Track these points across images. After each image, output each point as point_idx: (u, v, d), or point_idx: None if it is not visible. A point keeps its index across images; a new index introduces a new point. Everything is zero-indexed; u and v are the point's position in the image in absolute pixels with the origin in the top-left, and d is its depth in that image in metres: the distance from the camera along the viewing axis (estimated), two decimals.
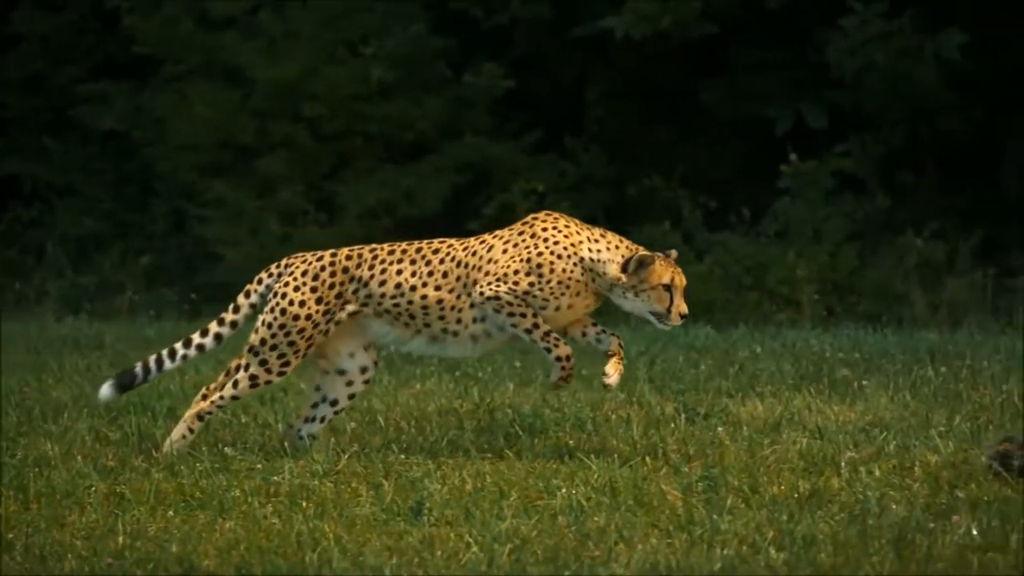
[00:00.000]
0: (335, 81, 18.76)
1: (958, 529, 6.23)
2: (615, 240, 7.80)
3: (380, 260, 7.89)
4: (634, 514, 6.65)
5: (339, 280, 7.86)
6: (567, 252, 7.72)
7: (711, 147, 19.78)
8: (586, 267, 7.73)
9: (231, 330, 8.05)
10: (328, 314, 7.85)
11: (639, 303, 7.72)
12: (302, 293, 7.83)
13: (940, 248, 17.99)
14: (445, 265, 7.85)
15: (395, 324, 7.88)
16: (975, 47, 18.21)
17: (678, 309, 7.71)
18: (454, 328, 7.83)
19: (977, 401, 9.17)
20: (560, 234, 7.76)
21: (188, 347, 8.05)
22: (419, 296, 7.81)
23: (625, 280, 7.69)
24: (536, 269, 7.71)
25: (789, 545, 6.08)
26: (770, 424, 8.66)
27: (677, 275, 7.72)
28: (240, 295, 8.08)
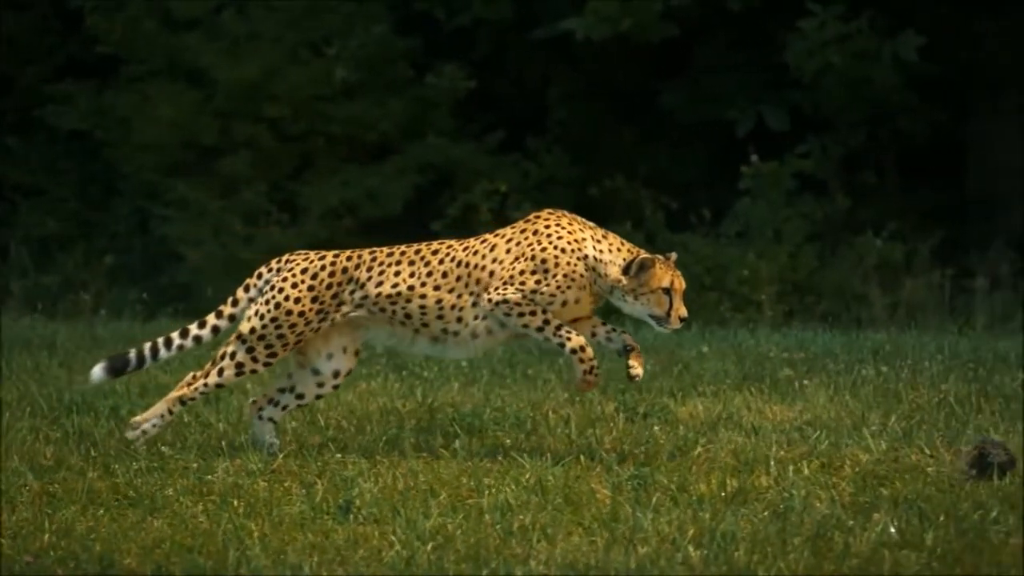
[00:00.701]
0: (298, 82, 18.81)
1: (876, 527, 6.31)
2: (616, 242, 7.83)
3: (379, 262, 7.93)
4: (561, 512, 6.72)
5: (337, 281, 7.89)
6: (571, 247, 7.73)
7: (673, 148, 19.88)
8: (589, 265, 7.74)
9: (228, 323, 8.09)
10: (322, 313, 7.89)
11: (639, 306, 7.74)
12: (299, 290, 7.87)
13: (899, 249, 18.10)
14: (444, 265, 7.86)
15: (393, 324, 7.90)
16: (933, 49, 18.34)
17: (677, 312, 7.73)
18: (454, 328, 7.84)
19: (914, 401, 9.25)
20: (564, 230, 7.78)
21: (184, 337, 8.09)
22: (417, 296, 7.84)
23: (626, 283, 7.70)
24: (541, 265, 7.72)
25: (708, 543, 6.15)
26: (707, 423, 8.73)
27: (677, 278, 7.74)
28: (239, 289, 8.12)
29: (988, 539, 6.15)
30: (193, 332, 8.09)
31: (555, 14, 18.82)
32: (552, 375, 10.43)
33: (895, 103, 18.44)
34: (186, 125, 18.90)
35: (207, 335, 8.08)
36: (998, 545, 6.08)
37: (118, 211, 19.91)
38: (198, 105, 18.97)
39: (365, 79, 19.13)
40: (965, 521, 6.36)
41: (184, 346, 8.08)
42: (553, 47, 19.56)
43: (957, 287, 17.86)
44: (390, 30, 19.26)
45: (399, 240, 16.71)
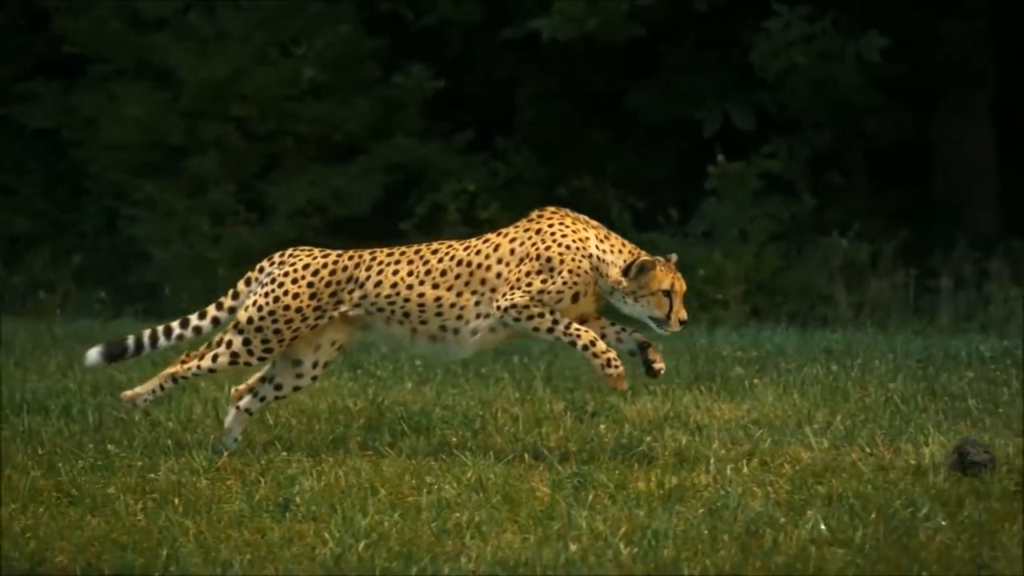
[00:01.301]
0: (265, 81, 18.85)
1: (807, 524, 6.37)
2: (618, 243, 7.82)
3: (378, 262, 7.94)
4: (498, 510, 6.77)
5: (337, 279, 7.91)
6: (576, 245, 7.73)
7: (641, 148, 19.95)
8: (593, 264, 7.74)
9: (228, 315, 8.11)
10: (319, 311, 7.91)
11: (638, 307, 7.73)
12: (298, 286, 7.89)
13: (864, 249, 18.19)
14: (444, 264, 7.86)
15: (391, 324, 7.91)
16: (898, 50, 18.43)
17: (677, 315, 7.72)
18: (454, 325, 7.84)
19: (861, 400, 9.32)
20: (568, 229, 7.79)
21: (185, 327, 8.13)
22: (416, 295, 7.84)
23: (626, 284, 7.70)
24: (546, 264, 7.72)
25: (639, 540, 6.21)
26: (654, 422, 8.79)
27: (677, 281, 7.73)
28: (240, 282, 8.15)
29: (916, 536, 6.21)
30: (193, 323, 8.13)
31: (522, 14, 18.88)
32: (505, 374, 10.49)
33: (860, 104, 18.54)
34: (153, 125, 18.94)
35: (207, 326, 8.11)
36: (925, 542, 6.14)
37: (86, 210, 19.93)
38: (165, 105, 19.00)
39: (333, 79, 19.18)
40: (895, 518, 6.42)
41: (183, 336, 8.12)
42: (522, 47, 19.62)
43: (922, 287, 17.96)
44: (358, 30, 19.31)
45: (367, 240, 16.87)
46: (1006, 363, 10.43)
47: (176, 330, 8.12)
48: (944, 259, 18.17)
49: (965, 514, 6.51)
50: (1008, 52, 20.48)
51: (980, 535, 6.20)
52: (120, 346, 8.12)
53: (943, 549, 6.03)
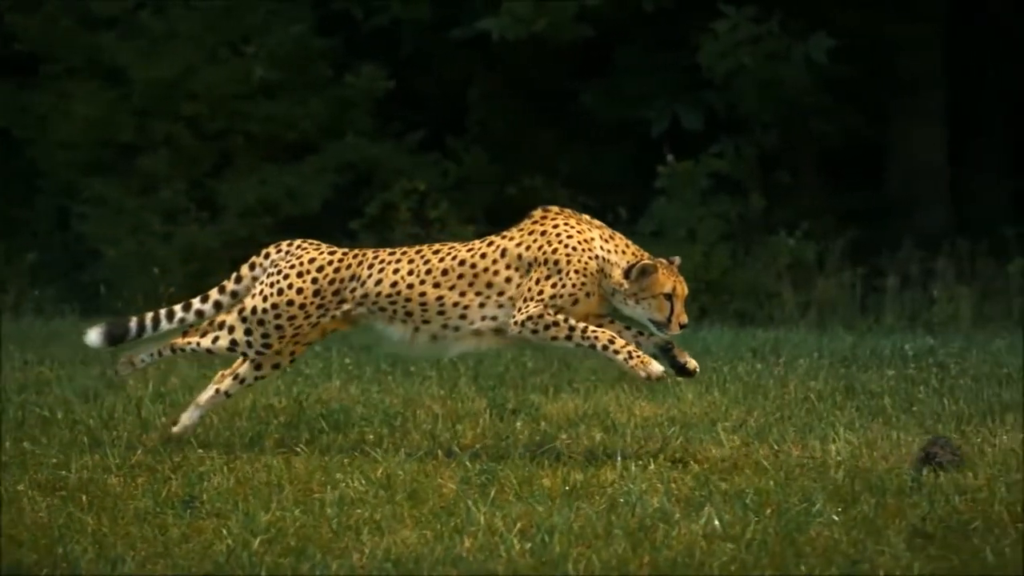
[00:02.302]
0: (216, 80, 18.89)
1: (701, 520, 6.47)
2: (622, 244, 7.79)
3: (380, 260, 7.93)
4: (402, 506, 6.84)
5: (340, 277, 7.91)
6: (581, 246, 7.72)
7: (591, 148, 20.05)
8: (599, 264, 7.71)
9: (231, 299, 8.12)
10: (322, 308, 7.92)
11: (639, 310, 7.70)
12: (303, 280, 7.90)
13: (811, 248, 18.31)
14: (445, 263, 7.84)
15: (394, 322, 7.89)
16: (845, 52, 18.56)
17: (678, 319, 7.68)
18: (455, 323, 7.83)
19: (780, 398, 9.43)
20: (573, 229, 7.77)
21: (187, 311, 8.15)
22: (417, 294, 7.83)
23: (627, 286, 7.66)
24: (554, 267, 7.70)
25: (533, 536, 6.29)
26: (572, 420, 8.88)
27: (679, 284, 7.70)
28: (244, 266, 8.16)
29: (807, 531, 6.30)
30: (195, 306, 8.15)
31: (472, 14, 18.96)
32: (433, 373, 10.57)
33: (807, 104, 18.66)
34: (104, 123, 18.96)
35: (209, 310, 8.13)
36: (814, 537, 6.23)
37: (39, 209, 19.95)
38: (116, 103, 19.03)
39: (284, 78, 19.23)
40: (787, 514, 6.52)
41: (185, 319, 8.13)
42: (473, 47, 19.69)
43: (869, 286, 18.10)
44: (309, 29, 19.36)
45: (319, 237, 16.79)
46: (928, 362, 10.55)
47: (178, 313, 8.15)
48: (890, 259, 18.32)
49: (858, 510, 6.61)
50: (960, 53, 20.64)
51: (869, 531, 6.29)
52: (122, 327, 8.13)
53: (830, 544, 6.12)
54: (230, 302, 8.13)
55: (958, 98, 20.71)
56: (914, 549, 5.99)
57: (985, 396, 9.22)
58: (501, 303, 7.81)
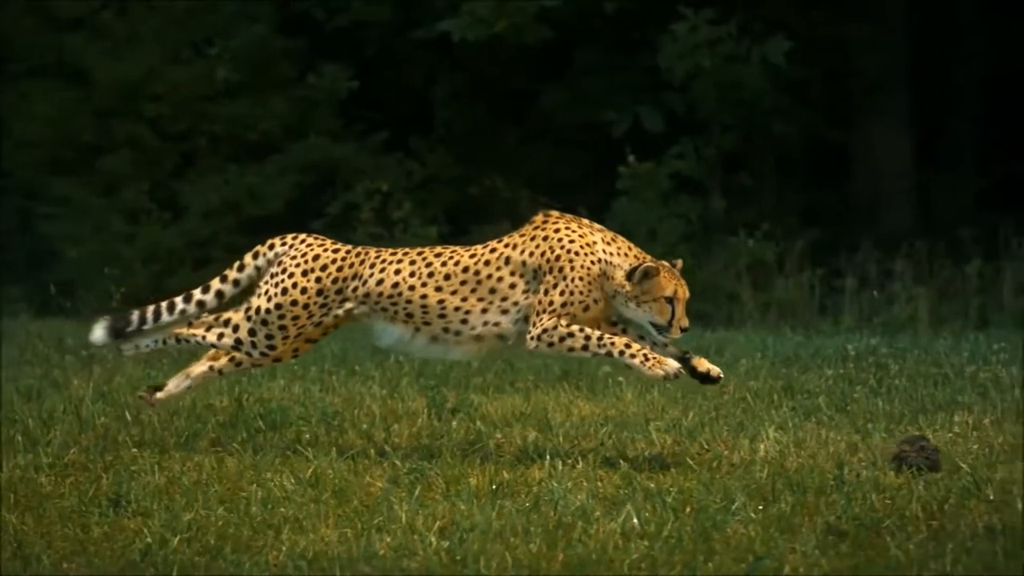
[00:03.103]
0: (178, 81, 18.95)
1: (619, 517, 6.52)
2: (624, 247, 7.76)
3: (382, 260, 7.91)
4: (326, 505, 6.89)
5: (343, 276, 7.89)
6: (584, 250, 7.70)
7: (554, 148, 20.14)
8: (601, 268, 7.70)
9: (233, 288, 8.09)
10: (324, 307, 7.90)
11: (640, 313, 7.67)
12: (307, 279, 7.88)
13: (771, 249, 18.40)
14: (447, 268, 7.82)
15: (395, 322, 7.88)
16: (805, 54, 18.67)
17: (679, 323, 7.65)
18: (456, 328, 7.81)
19: (718, 398, 9.49)
20: (575, 233, 7.75)
21: (188, 302, 8.11)
22: (418, 296, 7.81)
23: (629, 289, 7.64)
24: (559, 273, 7.69)
25: (452, 533, 6.35)
26: (509, 419, 8.94)
27: (681, 287, 7.67)
28: (247, 255, 8.13)
29: (723, 530, 6.37)
30: (197, 297, 8.11)
31: (433, 15, 19.03)
32: (376, 372, 10.62)
33: (766, 106, 18.75)
34: (66, 123, 19.00)
35: (211, 300, 8.10)
36: (730, 535, 6.30)
37: (2, 209, 19.96)
38: (78, 104, 19.07)
39: (247, 79, 19.29)
40: (705, 512, 6.58)
41: (187, 311, 8.10)
42: (436, 48, 19.77)
43: (828, 287, 18.19)
44: (273, 30, 19.43)
45: None
46: (868, 361, 10.63)
47: (179, 305, 8.11)
48: (849, 259, 18.41)
49: (777, 508, 6.68)
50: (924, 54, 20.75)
51: (785, 528, 6.36)
52: (124, 321, 8.12)
53: (744, 541, 6.18)
54: (232, 291, 8.11)
55: (923, 99, 20.83)
56: (826, 547, 6.06)
57: (919, 396, 9.29)
58: (505, 308, 7.80)
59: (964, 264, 17.98)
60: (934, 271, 18.04)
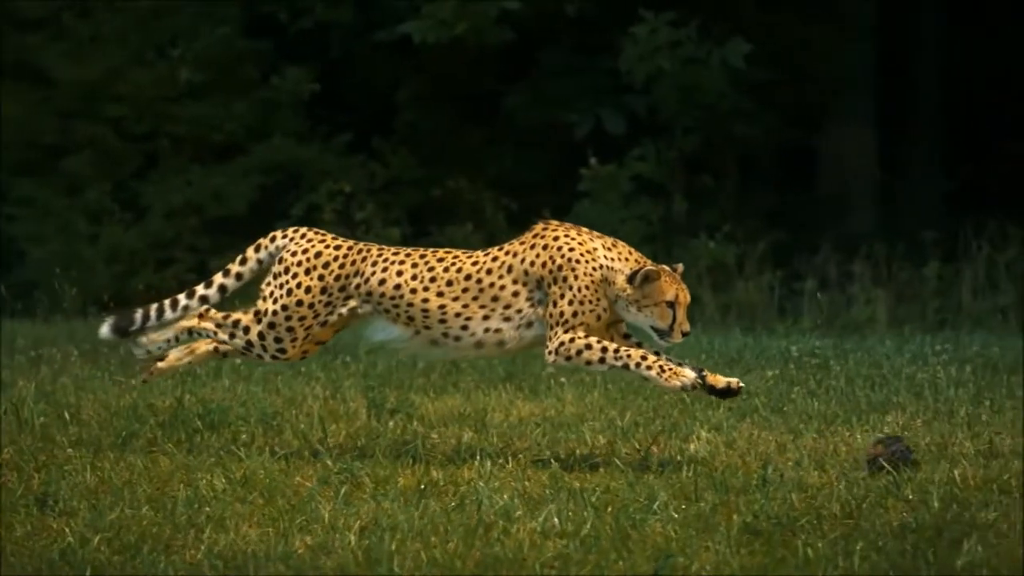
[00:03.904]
0: (141, 82, 18.99)
1: (540, 516, 6.58)
2: (625, 251, 7.76)
3: (384, 259, 7.89)
4: (253, 505, 6.94)
5: (346, 273, 7.87)
6: (584, 257, 7.68)
7: (517, 150, 20.20)
8: (604, 274, 7.69)
9: (236, 282, 8.08)
10: (329, 305, 7.88)
11: (641, 317, 7.66)
12: (311, 277, 7.87)
13: (732, 251, 18.48)
14: (449, 274, 7.81)
15: (397, 322, 7.87)
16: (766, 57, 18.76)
17: (680, 327, 7.67)
18: (456, 333, 7.80)
19: (657, 399, 9.55)
20: (574, 241, 7.75)
21: (191, 298, 8.11)
22: (420, 300, 7.80)
23: (630, 292, 7.63)
24: (563, 283, 7.67)
25: (372, 532, 6.40)
26: (448, 419, 8.99)
27: (682, 292, 7.69)
28: (250, 248, 8.10)
29: (642, 529, 6.42)
30: (200, 292, 8.11)
31: (395, 18, 19.09)
32: (322, 373, 10.66)
33: (727, 108, 18.84)
34: (28, 124, 19.03)
35: (214, 294, 8.09)
36: (649, 534, 6.35)
37: None
38: (40, 105, 19.10)
39: (210, 80, 19.33)
40: (625, 511, 6.64)
41: (190, 307, 8.08)
42: (400, 50, 19.82)
43: (788, 289, 18.27)
44: (236, 32, 19.47)
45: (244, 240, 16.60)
46: (811, 363, 10.70)
47: (183, 301, 8.12)
48: (809, 261, 18.50)
49: (698, 507, 6.74)
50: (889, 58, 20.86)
51: (704, 527, 6.42)
52: (127, 319, 8.11)
53: (661, 540, 6.24)
54: (235, 284, 8.10)
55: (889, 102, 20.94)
56: (739, 545, 6.12)
57: (855, 397, 9.37)
58: (508, 316, 7.79)
59: (923, 266, 18.09)
60: (892, 273, 18.16)
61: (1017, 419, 8.54)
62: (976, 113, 21.55)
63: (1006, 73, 21.27)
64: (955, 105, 21.37)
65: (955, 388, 9.43)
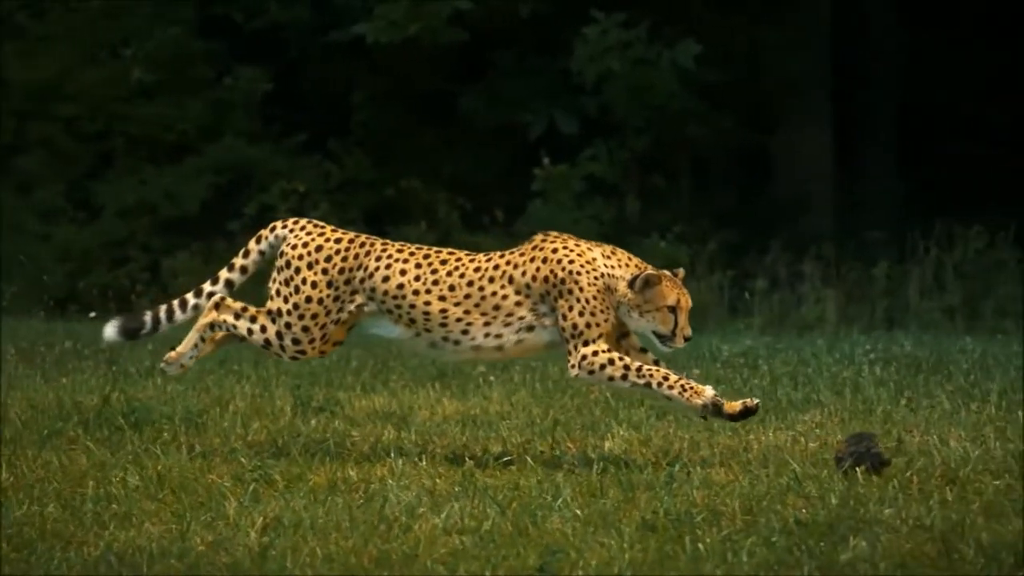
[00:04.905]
0: (93, 82, 19.01)
1: (442, 512, 6.64)
2: (624, 258, 7.77)
3: (388, 255, 7.86)
4: (163, 502, 6.98)
5: (349, 266, 7.84)
6: (586, 268, 7.67)
7: (471, 150, 20.28)
8: (606, 282, 7.67)
9: (241, 275, 8.05)
10: (338, 300, 7.86)
11: (643, 322, 7.65)
12: (314, 272, 7.85)
13: (683, 251, 18.57)
14: (452, 278, 7.79)
15: (399, 323, 7.85)
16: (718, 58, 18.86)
17: (682, 331, 7.65)
18: (456, 337, 7.79)
19: (583, 397, 9.62)
20: (574, 253, 7.71)
21: (199, 296, 8.07)
22: (422, 302, 7.78)
23: (631, 297, 7.63)
24: (568, 296, 7.64)
25: (273, 529, 6.45)
26: (372, 417, 9.05)
27: (683, 296, 7.68)
28: (251, 241, 8.07)
29: (543, 526, 6.48)
30: (207, 289, 8.08)
31: (352, 18, 19.15)
32: (252, 371, 10.71)
33: (678, 109, 18.93)
34: None
35: (221, 290, 8.05)
36: (549, 530, 6.41)
37: None
38: None
39: (163, 80, 19.36)
40: (528, 508, 6.69)
41: (199, 306, 8.05)
42: (355, 50, 19.87)
43: (739, 288, 18.37)
44: (189, 32, 19.51)
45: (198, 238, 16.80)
46: (738, 363, 10.78)
47: (191, 301, 8.08)
48: (759, 261, 18.60)
49: (601, 503, 6.80)
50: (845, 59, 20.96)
51: (604, 524, 6.48)
52: (137, 322, 8.07)
53: (559, 536, 6.30)
54: (240, 278, 8.07)
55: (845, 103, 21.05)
56: (633, 541, 6.18)
57: (777, 395, 9.44)
58: (508, 322, 7.78)
59: (872, 267, 18.21)
60: (842, 273, 18.28)
61: (932, 417, 8.63)
62: (931, 115, 21.68)
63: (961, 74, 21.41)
64: (911, 107, 21.50)
65: (875, 387, 9.51)
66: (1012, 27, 21.48)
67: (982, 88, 21.38)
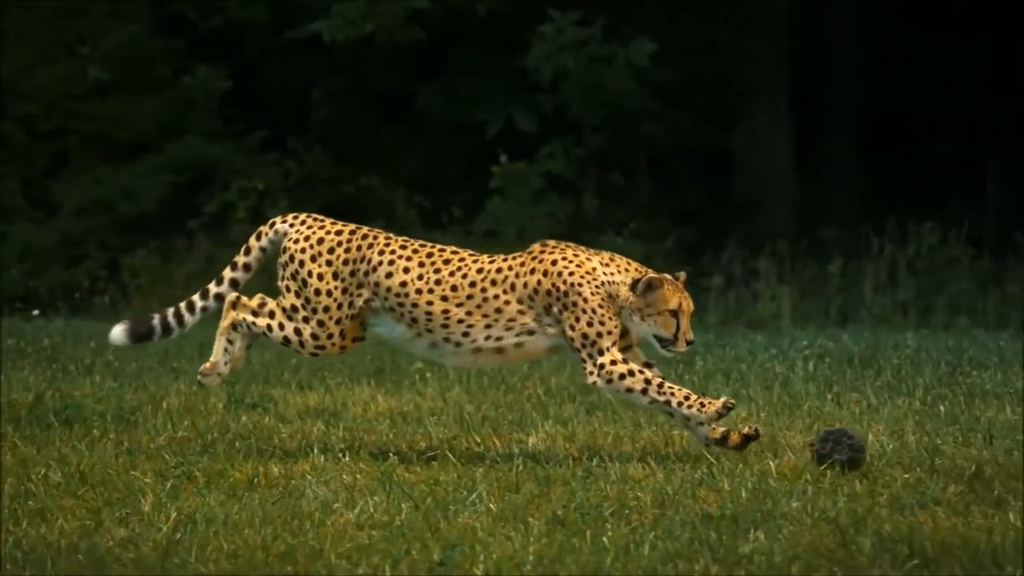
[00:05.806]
0: (49, 80, 19.01)
1: (356, 507, 6.68)
2: (623, 263, 7.76)
3: (392, 251, 7.81)
4: (80, 498, 7.01)
5: (353, 257, 7.81)
6: (586, 277, 7.65)
7: (430, 148, 20.33)
8: (607, 290, 7.65)
9: (245, 273, 8.03)
10: (346, 292, 7.82)
11: (644, 326, 7.64)
12: (319, 265, 7.82)
13: (639, 248, 18.62)
14: (455, 279, 7.75)
15: (401, 322, 7.83)
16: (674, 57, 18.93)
17: (684, 336, 7.64)
18: (456, 339, 7.77)
19: (519, 392, 9.67)
20: (573, 263, 7.70)
21: (206, 298, 8.04)
22: (424, 302, 7.76)
23: (633, 300, 7.62)
24: (573, 307, 7.62)
25: (185, 525, 6.48)
26: (304, 414, 9.08)
27: (685, 300, 7.65)
28: (252, 237, 8.04)
29: (454, 521, 6.52)
30: (213, 290, 8.04)
31: (308, 16, 19.18)
32: (189, 367, 10.74)
33: (633, 107, 18.99)
34: None
35: (227, 290, 8.02)
36: (459, 525, 6.46)
37: None
38: None
39: (120, 78, 19.37)
40: (442, 503, 6.74)
41: (207, 307, 8.03)
42: (314, 48, 19.90)
43: (695, 286, 18.42)
44: (147, 30, 19.52)
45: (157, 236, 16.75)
46: (675, 359, 10.79)
47: (199, 303, 8.05)
48: (715, 258, 18.68)
49: (515, 498, 6.84)
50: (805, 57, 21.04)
51: (515, 518, 6.53)
52: (146, 326, 8.03)
53: (468, 531, 6.34)
54: (245, 276, 8.05)
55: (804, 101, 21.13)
56: (540, 536, 6.22)
57: (709, 391, 9.50)
58: (510, 327, 7.76)
59: (827, 264, 18.30)
60: (796, 270, 18.37)
61: (856, 411, 8.70)
62: (891, 113, 21.78)
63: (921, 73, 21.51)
64: (870, 105, 21.59)
65: (805, 383, 9.58)
66: (972, 27, 21.61)
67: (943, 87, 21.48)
